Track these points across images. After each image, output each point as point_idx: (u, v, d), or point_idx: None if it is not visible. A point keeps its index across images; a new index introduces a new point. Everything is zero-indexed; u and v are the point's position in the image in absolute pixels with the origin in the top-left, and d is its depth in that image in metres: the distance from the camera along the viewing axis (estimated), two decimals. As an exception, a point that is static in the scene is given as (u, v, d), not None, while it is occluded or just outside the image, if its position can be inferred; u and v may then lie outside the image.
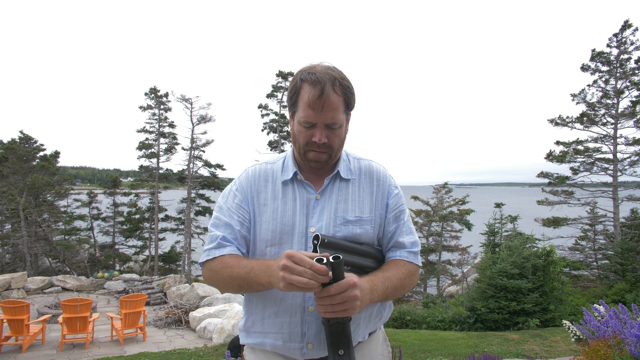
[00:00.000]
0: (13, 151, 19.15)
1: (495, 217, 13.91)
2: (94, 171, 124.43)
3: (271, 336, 1.35)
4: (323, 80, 1.28)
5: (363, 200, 1.43)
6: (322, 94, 1.28)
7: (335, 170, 1.43)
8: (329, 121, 1.31)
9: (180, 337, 8.71)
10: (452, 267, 20.58)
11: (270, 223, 1.37)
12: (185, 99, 21.20)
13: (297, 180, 1.42)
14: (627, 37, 16.95)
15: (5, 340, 7.36)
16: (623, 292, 12.23)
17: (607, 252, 17.16)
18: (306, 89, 1.30)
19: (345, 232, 1.36)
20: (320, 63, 1.37)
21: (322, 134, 1.33)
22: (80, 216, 21.96)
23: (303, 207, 1.39)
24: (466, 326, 9.40)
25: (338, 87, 1.31)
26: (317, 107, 1.29)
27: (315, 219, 1.37)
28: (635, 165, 17.08)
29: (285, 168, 1.44)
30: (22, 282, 12.74)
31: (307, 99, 1.30)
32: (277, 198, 1.41)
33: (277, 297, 1.33)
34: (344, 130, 1.39)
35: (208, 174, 23.00)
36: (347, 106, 1.36)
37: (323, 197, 1.40)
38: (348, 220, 1.38)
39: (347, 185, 1.44)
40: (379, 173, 1.50)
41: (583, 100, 17.94)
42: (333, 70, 1.33)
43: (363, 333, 1.41)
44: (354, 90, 1.38)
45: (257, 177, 1.45)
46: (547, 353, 6.27)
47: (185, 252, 21.10)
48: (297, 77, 1.34)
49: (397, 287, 1.35)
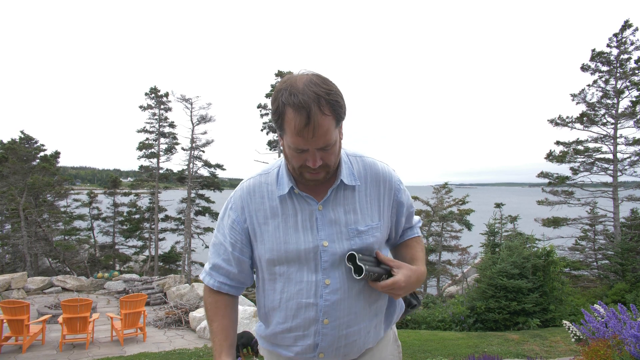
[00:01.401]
0: (13, 151, 19.15)
1: (495, 217, 13.90)
2: (94, 171, 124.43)
3: (283, 348, 1.39)
4: (307, 103, 1.14)
5: (372, 207, 1.38)
6: (309, 121, 1.14)
7: (338, 180, 1.33)
8: (321, 145, 1.20)
9: (180, 338, 8.70)
10: (452, 267, 20.58)
11: (274, 242, 1.33)
12: (185, 99, 21.22)
13: (295, 194, 1.34)
14: (627, 37, 16.95)
15: (5, 340, 7.36)
16: (623, 292, 12.23)
17: (607, 252, 17.15)
18: (290, 115, 1.16)
19: (359, 244, 1.32)
20: (301, 73, 1.23)
21: (317, 158, 1.22)
22: (80, 216, 21.98)
23: (306, 222, 1.32)
24: (466, 326, 9.40)
25: (325, 107, 1.16)
26: (307, 135, 1.16)
27: (325, 233, 1.31)
28: (635, 165, 17.08)
29: (280, 181, 1.35)
30: (22, 283, 12.74)
31: (293, 127, 1.17)
32: (276, 215, 1.34)
33: (290, 315, 1.34)
34: (338, 144, 1.28)
35: (208, 174, 23.01)
36: (338, 122, 1.23)
37: (326, 208, 1.33)
38: (360, 231, 1.33)
39: (352, 193, 1.36)
40: (384, 173, 1.42)
41: (583, 100, 17.94)
42: (317, 85, 1.17)
43: (374, 340, 1.43)
44: (343, 101, 1.23)
45: (253, 194, 1.37)
46: (547, 353, 6.27)
47: (185, 252, 21.10)
48: (279, 98, 1.19)
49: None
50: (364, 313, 1.35)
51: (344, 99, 1.25)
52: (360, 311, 1.34)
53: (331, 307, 1.30)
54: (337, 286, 1.30)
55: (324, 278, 1.30)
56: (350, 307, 1.32)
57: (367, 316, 1.37)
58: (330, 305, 1.30)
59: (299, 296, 1.31)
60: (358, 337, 1.36)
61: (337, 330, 1.31)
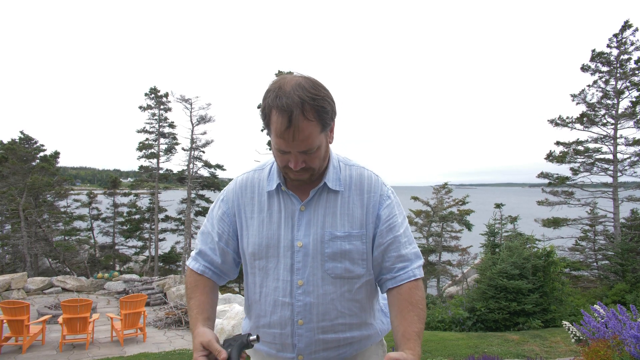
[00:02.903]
0: (13, 151, 19.15)
1: (495, 218, 13.93)
2: (94, 171, 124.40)
3: (266, 345, 1.39)
4: (290, 107, 1.14)
5: (353, 214, 1.33)
6: (290, 125, 1.15)
7: (322, 182, 1.33)
8: (303, 149, 1.20)
9: (181, 338, 8.70)
10: (452, 268, 20.58)
11: (257, 237, 1.35)
12: (185, 99, 21.22)
13: (282, 191, 1.36)
14: (627, 38, 16.96)
15: (5, 340, 7.36)
16: (623, 292, 12.23)
17: (607, 252, 17.16)
18: (274, 117, 1.18)
19: (333, 249, 1.30)
20: (291, 74, 1.25)
21: (298, 161, 1.23)
22: (80, 216, 21.98)
23: (288, 219, 1.33)
24: (466, 327, 9.39)
25: (309, 112, 1.16)
26: (287, 138, 1.18)
27: (302, 233, 1.32)
28: (635, 166, 17.09)
29: (271, 178, 1.38)
30: (22, 283, 12.74)
31: (275, 129, 1.18)
32: (262, 210, 1.37)
33: (268, 311, 1.35)
34: (323, 148, 1.27)
35: (208, 175, 23.02)
36: (323, 127, 1.22)
37: (308, 209, 1.33)
38: (336, 235, 1.31)
39: (335, 198, 1.34)
40: (370, 183, 1.37)
41: (583, 101, 17.95)
42: (304, 89, 1.17)
43: (357, 350, 1.40)
44: (330, 104, 1.22)
45: (245, 188, 1.41)
46: (547, 354, 6.27)
47: (185, 252, 21.11)
48: (267, 99, 1.21)
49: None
50: (342, 322, 1.33)
51: (333, 104, 1.24)
52: (336, 319, 1.32)
53: (304, 308, 1.30)
54: (309, 289, 1.30)
55: (298, 278, 1.31)
56: (324, 314, 1.30)
57: (346, 327, 1.34)
58: (303, 307, 1.30)
59: (276, 293, 1.33)
60: (337, 344, 1.34)
61: (312, 333, 1.31)
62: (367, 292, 1.38)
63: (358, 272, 1.33)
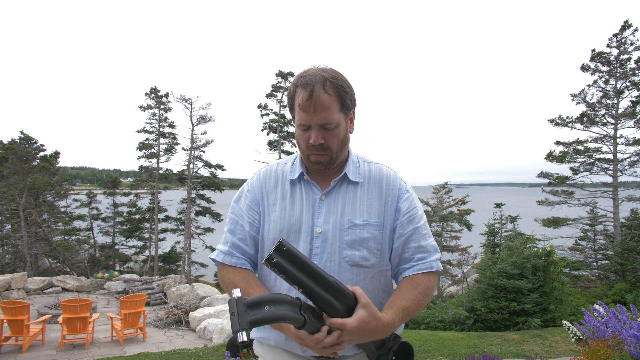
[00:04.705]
0: (13, 151, 19.15)
1: (495, 217, 13.93)
2: (94, 171, 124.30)
3: (275, 332, 1.39)
4: (312, 82, 1.29)
5: (371, 205, 1.41)
6: (312, 95, 1.28)
7: (342, 172, 1.42)
8: (322, 122, 1.31)
9: (181, 338, 8.70)
10: (452, 268, 20.58)
11: (278, 222, 1.40)
12: (185, 99, 21.23)
13: (304, 180, 1.44)
14: (627, 37, 16.95)
15: (5, 340, 7.36)
16: (623, 292, 12.23)
17: (607, 252, 17.16)
18: (298, 93, 1.32)
19: (352, 236, 1.35)
20: (316, 66, 1.37)
21: (318, 135, 1.33)
22: (80, 216, 21.97)
23: (309, 207, 1.40)
24: (466, 326, 9.40)
25: (329, 87, 1.30)
26: (309, 109, 1.30)
27: (322, 220, 1.37)
28: (635, 166, 17.08)
29: (294, 168, 1.46)
30: (22, 283, 12.74)
31: (299, 102, 1.32)
32: (285, 197, 1.43)
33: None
34: (342, 130, 1.37)
35: (208, 174, 23.02)
36: (342, 105, 1.34)
37: (328, 198, 1.40)
38: (355, 224, 1.37)
39: (355, 189, 1.42)
40: (389, 177, 1.46)
41: (583, 101, 17.94)
42: (325, 71, 1.33)
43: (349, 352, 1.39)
44: (349, 89, 1.36)
45: (268, 177, 1.48)
46: (547, 353, 6.27)
47: (186, 252, 21.11)
48: (293, 82, 1.37)
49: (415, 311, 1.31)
50: None
51: (352, 91, 1.38)
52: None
53: None
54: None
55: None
56: None
57: None
58: None
59: None
60: None
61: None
62: (379, 284, 1.41)
63: (373, 261, 1.37)
